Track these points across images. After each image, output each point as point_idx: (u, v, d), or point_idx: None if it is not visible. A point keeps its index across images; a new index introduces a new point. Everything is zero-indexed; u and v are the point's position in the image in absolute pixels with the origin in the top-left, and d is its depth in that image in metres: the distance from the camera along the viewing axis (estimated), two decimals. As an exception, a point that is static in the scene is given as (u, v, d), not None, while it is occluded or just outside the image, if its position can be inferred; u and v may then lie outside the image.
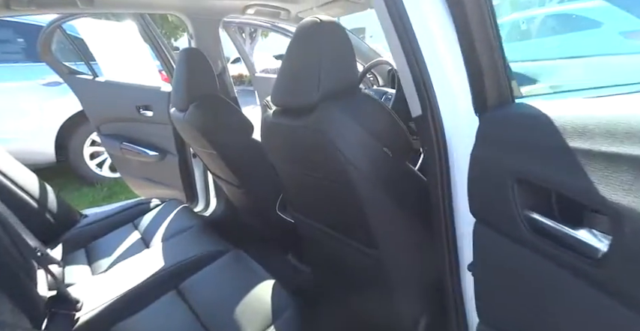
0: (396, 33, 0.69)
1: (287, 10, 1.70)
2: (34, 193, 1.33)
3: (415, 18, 0.68)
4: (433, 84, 0.70)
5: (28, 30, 2.89)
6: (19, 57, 3.04)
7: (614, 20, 2.18)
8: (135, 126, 1.92)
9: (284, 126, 0.91)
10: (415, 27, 0.68)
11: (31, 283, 0.84)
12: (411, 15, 0.67)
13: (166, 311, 0.95)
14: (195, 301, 0.97)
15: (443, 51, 0.68)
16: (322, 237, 1.09)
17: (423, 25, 0.68)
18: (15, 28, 2.97)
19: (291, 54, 0.85)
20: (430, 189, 0.77)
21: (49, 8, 1.24)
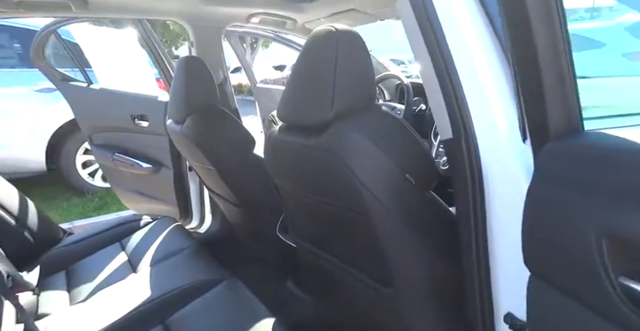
0: (424, 40, 0.61)
1: (293, 20, 1.63)
2: (13, 209, 1.22)
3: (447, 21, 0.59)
4: (468, 103, 0.61)
5: (23, 35, 2.82)
6: (13, 62, 2.98)
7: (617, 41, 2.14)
8: (129, 137, 1.82)
9: (291, 144, 0.81)
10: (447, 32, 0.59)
11: None
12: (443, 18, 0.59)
13: None
14: None
15: (482, 62, 0.59)
16: (327, 267, 0.98)
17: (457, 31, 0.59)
18: (11, 33, 2.91)
19: (302, 65, 0.77)
20: (460, 224, 0.67)
21: (40, 11, 1.16)
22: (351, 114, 0.71)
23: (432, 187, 0.79)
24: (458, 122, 0.62)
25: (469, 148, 0.62)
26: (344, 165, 0.69)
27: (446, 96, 0.62)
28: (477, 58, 0.60)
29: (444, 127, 0.65)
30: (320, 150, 0.73)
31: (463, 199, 0.65)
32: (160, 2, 1.35)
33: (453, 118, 0.62)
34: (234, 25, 1.68)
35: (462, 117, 0.61)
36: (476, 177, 0.62)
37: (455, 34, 0.60)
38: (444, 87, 0.62)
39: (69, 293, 1.11)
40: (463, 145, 0.62)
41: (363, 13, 1.47)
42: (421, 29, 0.61)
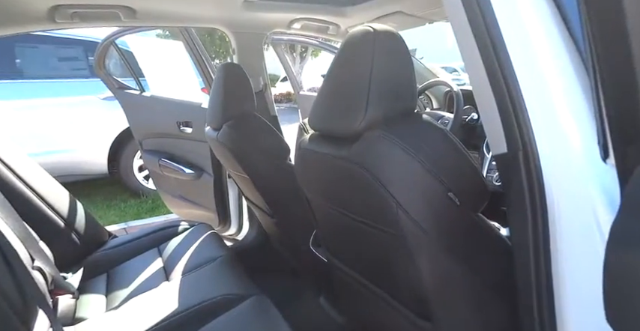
0: (475, 38, 0.51)
1: (336, 25, 1.58)
2: (63, 210, 1.28)
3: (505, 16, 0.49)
4: (528, 111, 0.50)
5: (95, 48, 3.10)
6: (85, 73, 3.25)
7: None
8: (174, 143, 1.88)
9: (320, 154, 0.75)
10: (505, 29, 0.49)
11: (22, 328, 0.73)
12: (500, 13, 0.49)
13: None
14: None
15: (548, 60, 0.48)
16: (360, 289, 0.89)
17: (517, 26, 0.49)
18: (85, 46, 3.18)
19: (336, 69, 0.70)
20: (516, 257, 0.55)
21: (93, 21, 1.22)
22: (386, 123, 0.63)
23: (481, 209, 0.67)
24: (515, 134, 0.51)
25: (528, 166, 0.50)
26: (375, 179, 0.61)
27: (500, 103, 0.51)
28: (541, 57, 0.49)
29: (497, 140, 0.54)
30: (350, 163, 0.66)
31: (520, 228, 0.54)
32: (203, 10, 1.36)
33: (509, 129, 0.51)
34: (278, 33, 1.66)
35: (519, 128, 0.50)
36: (537, 203, 0.51)
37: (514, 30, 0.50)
38: (497, 93, 0.51)
39: (106, 298, 1.13)
40: (521, 162, 0.51)
41: (409, 16, 1.38)
42: (471, 25, 0.52)
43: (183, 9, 1.33)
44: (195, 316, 0.92)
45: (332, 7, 1.44)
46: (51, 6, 1.09)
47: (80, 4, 1.13)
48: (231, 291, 1.00)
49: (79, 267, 1.23)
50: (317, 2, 1.42)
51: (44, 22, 1.14)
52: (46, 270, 1.02)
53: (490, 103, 0.53)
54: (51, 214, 1.23)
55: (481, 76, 0.53)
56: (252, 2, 1.29)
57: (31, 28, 1.18)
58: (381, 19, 1.41)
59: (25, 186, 1.18)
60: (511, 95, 0.51)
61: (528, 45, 0.50)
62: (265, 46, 1.70)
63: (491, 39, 0.51)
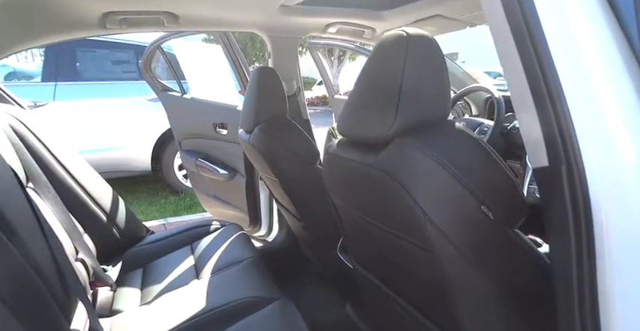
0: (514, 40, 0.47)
1: (372, 29, 1.56)
2: (106, 206, 1.36)
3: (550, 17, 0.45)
4: (574, 121, 0.45)
5: (144, 51, 3.31)
6: (135, 75, 3.45)
7: None
8: (210, 144, 1.94)
9: (347, 161, 0.74)
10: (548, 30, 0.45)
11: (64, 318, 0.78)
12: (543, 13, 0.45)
13: None
14: None
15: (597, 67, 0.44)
16: (387, 301, 0.86)
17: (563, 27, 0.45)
18: (135, 50, 3.38)
19: (365, 75, 0.69)
20: (556, 276, 0.51)
21: (139, 27, 1.30)
22: (416, 130, 0.60)
23: (518, 224, 0.63)
24: (557, 146, 0.46)
25: (572, 182, 0.46)
26: (402, 188, 0.59)
27: (541, 111, 0.47)
28: (589, 59, 0.44)
29: (537, 152, 0.50)
30: (376, 170, 0.64)
31: (561, 248, 0.49)
32: (241, 15, 1.40)
33: (551, 141, 0.47)
34: (313, 37, 1.67)
35: (563, 140, 0.46)
36: (581, 223, 0.46)
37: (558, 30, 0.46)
38: (538, 101, 0.47)
39: (141, 292, 1.19)
40: (564, 178, 0.47)
41: (449, 19, 1.33)
42: (511, 26, 0.48)
43: (222, 14, 1.37)
44: (221, 316, 0.94)
45: (369, 11, 1.42)
46: (102, 13, 1.17)
47: (127, 10, 1.20)
48: (257, 294, 1.02)
49: (118, 261, 1.29)
50: (353, 6, 1.40)
51: (96, 28, 1.22)
52: (88, 262, 1.09)
53: (529, 112, 0.49)
54: (95, 209, 1.31)
55: (520, 82, 0.49)
56: (288, 7, 1.30)
57: (85, 33, 1.27)
58: (419, 22, 1.37)
59: (74, 182, 1.26)
60: (554, 103, 0.46)
61: (574, 46, 0.45)
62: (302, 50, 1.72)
63: (532, 40, 0.47)
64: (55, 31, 1.19)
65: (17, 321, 0.64)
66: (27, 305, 0.66)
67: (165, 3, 1.21)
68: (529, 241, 0.64)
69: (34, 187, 1.06)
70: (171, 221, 2.72)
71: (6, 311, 0.62)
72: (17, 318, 0.64)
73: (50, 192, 1.08)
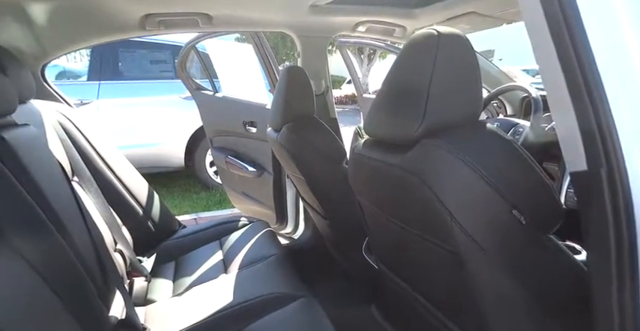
0: (552, 37, 0.45)
1: (403, 27, 1.53)
2: (142, 201, 1.44)
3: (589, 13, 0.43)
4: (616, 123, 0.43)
5: (180, 51, 3.43)
6: (171, 74, 3.58)
7: None
8: (240, 141, 1.99)
9: (373, 161, 0.73)
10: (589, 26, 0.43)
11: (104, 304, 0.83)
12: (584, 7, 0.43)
13: None
14: None
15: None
16: (412, 303, 0.85)
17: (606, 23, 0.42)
18: (172, 50, 3.50)
19: (393, 74, 0.68)
20: (594, 286, 0.48)
21: (175, 28, 1.35)
22: (445, 130, 0.59)
23: (553, 230, 0.60)
24: (597, 148, 0.44)
25: (614, 187, 0.43)
26: (428, 190, 0.58)
27: (579, 108, 0.44)
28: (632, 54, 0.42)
29: (574, 155, 0.47)
30: (402, 171, 0.63)
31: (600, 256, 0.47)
32: (272, 15, 1.42)
33: (590, 143, 0.44)
34: (343, 35, 1.67)
35: (604, 142, 0.43)
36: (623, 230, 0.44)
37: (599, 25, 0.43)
38: (576, 97, 0.45)
39: (173, 283, 1.24)
40: (604, 182, 0.44)
41: (484, 17, 1.28)
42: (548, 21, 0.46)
43: (253, 14, 1.40)
44: (248, 311, 0.97)
45: (400, 9, 1.40)
46: (143, 15, 1.23)
47: (165, 12, 1.26)
48: (282, 290, 1.03)
49: (153, 253, 1.36)
50: (384, 4, 1.39)
51: (137, 29, 1.29)
52: (125, 253, 1.16)
53: (566, 110, 0.47)
54: (133, 203, 1.38)
55: (556, 77, 0.46)
56: (318, 6, 1.31)
57: (127, 35, 1.34)
58: (452, 20, 1.33)
59: (114, 177, 1.34)
60: (593, 100, 0.44)
61: (616, 38, 0.43)
62: (332, 48, 1.72)
63: (569, 32, 0.44)
64: (100, 33, 1.27)
65: (62, 305, 0.69)
66: (70, 291, 0.71)
67: (201, 4, 1.25)
68: (564, 248, 0.61)
69: (78, 181, 1.13)
70: (202, 216, 2.81)
71: (52, 295, 0.68)
72: (62, 302, 0.69)
73: (93, 185, 1.15)
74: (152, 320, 0.98)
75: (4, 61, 0.92)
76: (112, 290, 0.92)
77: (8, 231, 0.64)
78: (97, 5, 1.11)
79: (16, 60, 0.99)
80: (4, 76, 0.74)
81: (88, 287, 0.78)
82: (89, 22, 1.19)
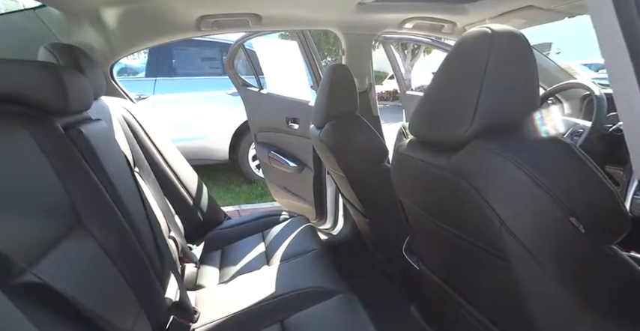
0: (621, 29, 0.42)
1: (452, 23, 1.48)
2: (193, 192, 1.53)
3: None
4: None
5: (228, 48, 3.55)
6: (219, 71, 3.73)
7: None
8: (282, 137, 2.03)
9: (418, 161, 0.73)
10: None
11: (161, 286, 0.90)
12: None
13: None
14: None
15: None
16: (454, 306, 0.84)
17: None
18: (220, 47, 3.65)
19: (443, 73, 0.67)
20: None
21: (227, 28, 1.42)
22: (496, 132, 0.58)
23: (617, 240, 0.56)
24: None
25: None
26: (477, 193, 0.57)
27: None
28: None
29: None
30: (449, 173, 0.62)
31: None
32: (319, 14, 1.44)
33: None
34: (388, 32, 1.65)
35: None
36: None
37: None
38: None
39: (219, 271, 1.31)
40: None
41: (543, 10, 1.20)
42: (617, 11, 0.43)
43: (301, 14, 1.43)
44: (289, 303, 1.00)
45: (450, 5, 1.35)
46: (198, 17, 1.30)
47: (219, 13, 1.32)
48: (322, 285, 1.06)
49: (201, 241, 1.45)
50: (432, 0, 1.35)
51: (193, 30, 1.37)
52: (178, 240, 1.24)
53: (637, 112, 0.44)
54: (184, 193, 1.48)
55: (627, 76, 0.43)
56: (365, 4, 1.31)
57: (183, 35, 1.42)
58: (507, 15, 1.26)
59: (168, 169, 1.44)
60: None
61: None
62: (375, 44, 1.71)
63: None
64: (162, 34, 1.36)
65: (126, 284, 0.76)
66: (133, 272, 0.79)
67: (251, 5, 1.30)
68: (629, 259, 0.58)
69: (138, 171, 1.23)
70: (244, 207, 2.92)
71: (118, 275, 0.75)
72: (126, 282, 0.76)
73: (150, 176, 1.25)
74: (201, 304, 1.05)
75: (82, 61, 1.03)
76: (168, 274, 1.00)
77: (85, 216, 0.72)
78: (160, 9, 1.19)
79: (91, 60, 1.09)
80: (82, 75, 0.83)
81: (147, 269, 0.85)
82: (152, 25, 1.28)
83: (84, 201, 0.72)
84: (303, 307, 0.97)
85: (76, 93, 0.77)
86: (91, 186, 0.75)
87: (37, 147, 0.67)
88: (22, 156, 0.64)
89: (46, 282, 0.53)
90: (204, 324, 0.95)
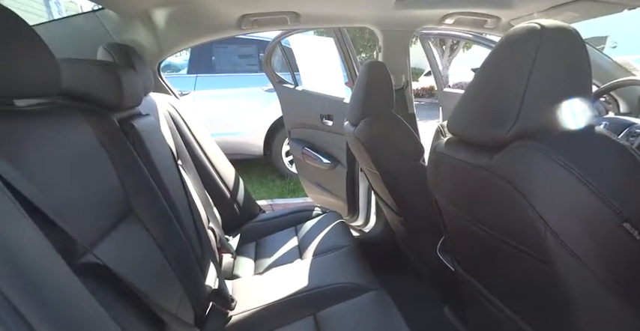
0: None
1: (496, 18, 1.42)
2: (230, 185, 1.59)
3: None
4: None
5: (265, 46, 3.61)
6: (256, 68, 3.80)
7: None
8: (316, 134, 2.05)
9: (457, 161, 0.71)
10: None
11: (202, 274, 0.95)
12: None
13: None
14: None
15: None
16: (491, 309, 0.82)
17: None
18: (258, 45, 3.72)
19: (486, 70, 0.65)
20: None
21: (267, 26, 1.45)
22: (543, 132, 0.55)
23: None
24: None
25: None
26: (520, 195, 0.55)
27: None
28: None
29: None
30: (491, 173, 0.60)
31: None
32: (356, 11, 1.43)
33: None
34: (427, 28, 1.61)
35: None
36: None
37: None
38: None
39: (255, 263, 1.35)
40: None
41: (598, 2, 1.12)
42: None
43: (339, 11, 1.43)
44: (322, 296, 1.02)
45: None
46: (240, 16, 1.34)
47: (259, 12, 1.36)
48: (354, 281, 1.07)
49: (237, 233, 1.50)
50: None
51: (234, 29, 1.41)
52: (216, 231, 1.30)
53: None
54: (222, 186, 1.54)
55: None
56: (404, 0, 1.29)
57: (225, 34, 1.48)
58: (557, 8, 1.19)
59: (208, 162, 1.50)
60: None
61: None
62: (413, 39, 1.67)
63: None
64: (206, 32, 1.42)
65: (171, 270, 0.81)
66: (177, 259, 0.84)
67: (290, 4, 1.32)
68: None
69: (181, 164, 1.30)
70: (277, 202, 2.99)
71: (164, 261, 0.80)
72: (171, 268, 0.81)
73: (192, 169, 1.31)
74: (238, 293, 1.09)
75: (134, 59, 1.10)
76: (207, 263, 1.05)
77: (135, 204, 0.77)
78: (204, 9, 1.25)
79: (141, 58, 1.16)
80: (135, 74, 0.89)
81: (190, 257, 0.90)
82: (197, 24, 1.35)
83: (134, 189, 0.78)
84: (336, 301, 0.99)
85: (130, 91, 0.82)
86: (140, 176, 0.81)
87: (96, 138, 0.73)
88: (84, 146, 0.70)
89: (105, 263, 0.58)
90: (241, 312, 0.99)
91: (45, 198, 0.50)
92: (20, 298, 0.36)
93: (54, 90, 0.60)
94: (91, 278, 0.56)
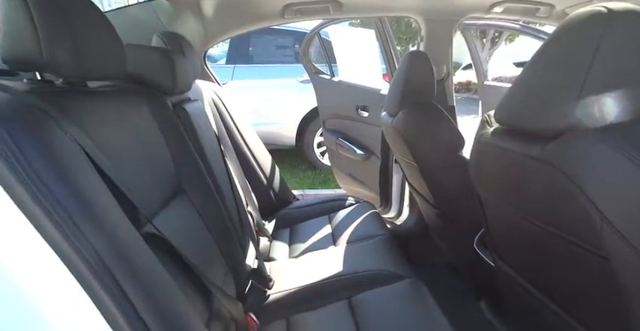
0: None
1: (549, 6, 1.35)
2: (267, 172, 1.63)
3: None
4: None
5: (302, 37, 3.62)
6: (291, 59, 3.82)
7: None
8: (351, 125, 2.06)
9: (505, 151, 0.69)
10: None
11: (242, 253, 1.00)
12: None
13: (335, 318, 0.94)
14: (362, 319, 0.91)
15: None
16: (535, 305, 0.80)
17: None
18: (294, 36, 3.73)
19: (543, 56, 0.62)
20: None
21: (310, 15, 1.47)
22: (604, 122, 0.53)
23: None
24: None
25: None
26: (575, 186, 0.53)
27: None
28: None
29: None
30: (543, 163, 0.58)
31: None
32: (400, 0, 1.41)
33: None
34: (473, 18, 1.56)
35: None
36: None
37: None
38: None
39: (289, 247, 1.39)
40: None
41: None
42: None
43: (381, 0, 1.42)
44: (356, 282, 1.04)
45: None
46: (284, 5, 1.36)
47: (302, 1, 1.37)
48: (389, 268, 1.08)
49: (273, 218, 1.55)
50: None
51: (277, 18, 1.44)
52: (254, 215, 1.35)
53: None
54: (260, 173, 1.58)
55: None
56: (451, -12, 1.25)
57: (268, 23, 1.51)
58: None
59: (247, 149, 1.55)
60: None
61: None
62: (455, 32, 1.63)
63: None
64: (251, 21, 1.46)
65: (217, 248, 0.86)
66: (222, 237, 0.88)
67: None
68: None
69: (223, 149, 1.35)
70: (308, 192, 3.03)
71: (210, 239, 0.85)
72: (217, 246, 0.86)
73: (233, 155, 1.36)
74: (274, 274, 1.13)
75: (184, 47, 1.15)
76: (247, 243, 1.09)
77: (185, 183, 0.82)
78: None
79: (191, 46, 1.21)
80: (187, 60, 0.93)
81: (233, 236, 0.95)
82: (243, 13, 1.39)
83: (185, 169, 0.83)
84: (370, 287, 1.00)
85: (183, 77, 0.87)
86: (190, 157, 0.86)
87: (153, 119, 0.78)
88: (143, 125, 0.75)
89: (163, 234, 0.62)
90: (278, 292, 1.03)
91: (116, 171, 0.54)
92: (115, 262, 0.41)
93: (121, 73, 0.65)
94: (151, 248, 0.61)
